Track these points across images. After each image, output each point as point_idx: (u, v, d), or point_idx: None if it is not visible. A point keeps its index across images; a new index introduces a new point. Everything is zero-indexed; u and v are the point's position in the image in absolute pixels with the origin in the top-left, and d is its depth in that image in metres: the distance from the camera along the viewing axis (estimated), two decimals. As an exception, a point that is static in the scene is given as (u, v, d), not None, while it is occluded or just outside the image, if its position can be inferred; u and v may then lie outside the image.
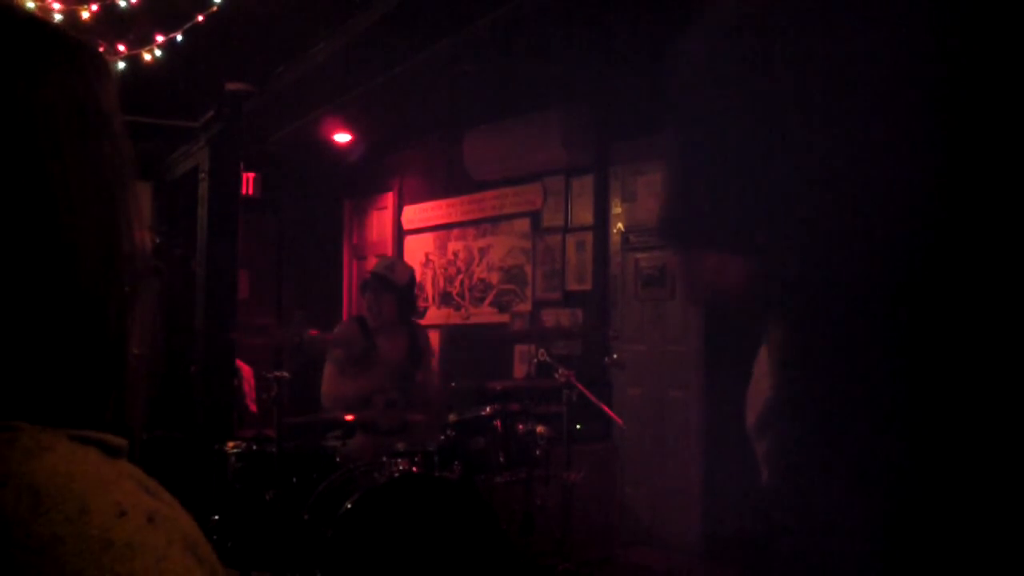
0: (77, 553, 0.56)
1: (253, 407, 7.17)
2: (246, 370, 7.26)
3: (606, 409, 4.65)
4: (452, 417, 4.09)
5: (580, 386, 4.36)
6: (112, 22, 4.56)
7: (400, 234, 8.55)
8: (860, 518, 1.10)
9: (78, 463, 0.62)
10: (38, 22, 0.72)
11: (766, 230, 1.11)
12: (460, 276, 7.76)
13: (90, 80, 0.74)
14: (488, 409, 4.07)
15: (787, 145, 1.13)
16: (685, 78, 1.27)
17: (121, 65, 4.77)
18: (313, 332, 4.69)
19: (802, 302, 1.16)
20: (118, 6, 4.37)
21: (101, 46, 4.71)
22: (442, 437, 4.05)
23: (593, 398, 4.46)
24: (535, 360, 4.92)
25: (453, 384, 5.33)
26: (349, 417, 4.35)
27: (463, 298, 7.72)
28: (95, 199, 0.70)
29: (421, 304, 7.63)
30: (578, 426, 4.54)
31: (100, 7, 4.36)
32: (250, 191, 8.27)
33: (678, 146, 1.36)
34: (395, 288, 4.76)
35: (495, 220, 7.43)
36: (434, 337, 7.60)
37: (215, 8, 4.57)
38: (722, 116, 1.18)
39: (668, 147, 1.39)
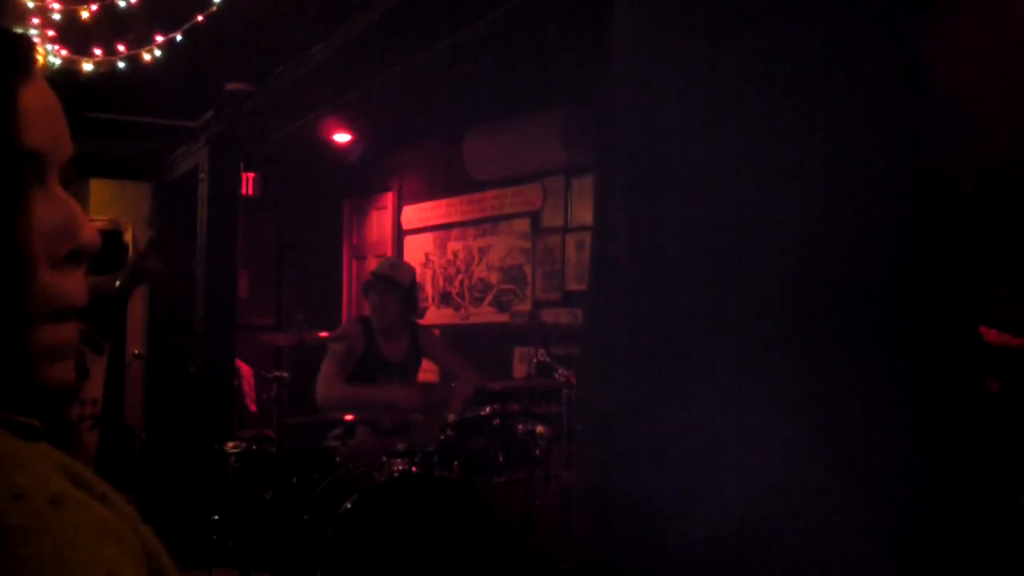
0: None
1: (253, 407, 7.17)
2: (246, 370, 7.26)
3: (606, 409, 4.65)
4: (451, 417, 4.09)
5: (580, 386, 4.36)
6: (111, 22, 4.56)
7: (400, 234, 8.54)
8: (859, 518, 1.09)
9: None
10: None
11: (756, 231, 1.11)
12: (460, 276, 7.76)
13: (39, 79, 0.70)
14: (488, 409, 4.07)
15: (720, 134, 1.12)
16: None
17: (121, 65, 4.77)
18: (322, 334, 4.68)
19: (800, 302, 1.15)
20: (117, 6, 4.37)
21: (100, 46, 4.72)
22: (442, 437, 4.05)
23: (593, 398, 4.45)
24: (535, 360, 4.92)
25: (452, 384, 5.32)
26: (349, 417, 4.35)
27: (463, 298, 7.72)
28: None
29: (422, 305, 7.63)
30: (578, 426, 4.53)
31: (99, 7, 4.36)
32: (250, 191, 8.27)
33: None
34: (399, 288, 4.78)
35: (495, 220, 7.43)
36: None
37: (214, 8, 4.57)
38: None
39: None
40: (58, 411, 0.69)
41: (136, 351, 7.78)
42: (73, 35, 4.60)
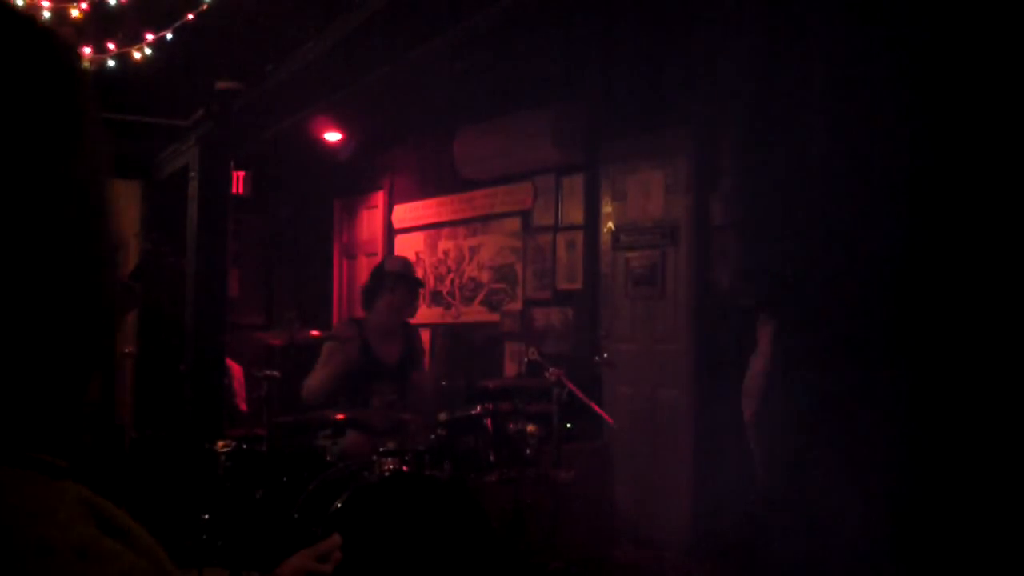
0: None
1: (243, 406, 7.16)
2: (236, 369, 7.25)
3: (596, 408, 4.66)
4: (442, 416, 4.09)
5: (571, 385, 4.36)
6: (102, 20, 4.55)
7: (390, 233, 8.54)
8: (858, 517, 1.10)
9: (3, 492, 0.57)
10: (23, 20, 0.69)
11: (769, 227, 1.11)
12: (450, 275, 7.76)
13: (68, 75, 0.70)
14: (478, 408, 4.07)
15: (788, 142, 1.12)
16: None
17: (111, 63, 4.76)
18: (314, 333, 4.67)
19: (801, 300, 1.16)
20: (108, 4, 4.36)
21: (90, 44, 4.70)
22: (432, 436, 4.05)
23: (583, 397, 4.46)
24: (526, 359, 4.93)
25: (444, 383, 5.33)
26: (340, 416, 4.34)
27: (453, 297, 7.72)
28: (76, 198, 0.66)
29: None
30: (568, 425, 4.54)
31: (90, 5, 4.35)
32: (240, 190, 8.25)
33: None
34: (419, 285, 4.87)
35: (485, 219, 7.44)
36: (424, 336, 7.60)
37: (205, 6, 4.56)
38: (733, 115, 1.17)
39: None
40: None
41: (126, 349, 7.76)
42: (63, 33, 4.59)
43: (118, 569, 0.58)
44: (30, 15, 0.70)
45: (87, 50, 4.72)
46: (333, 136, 7.93)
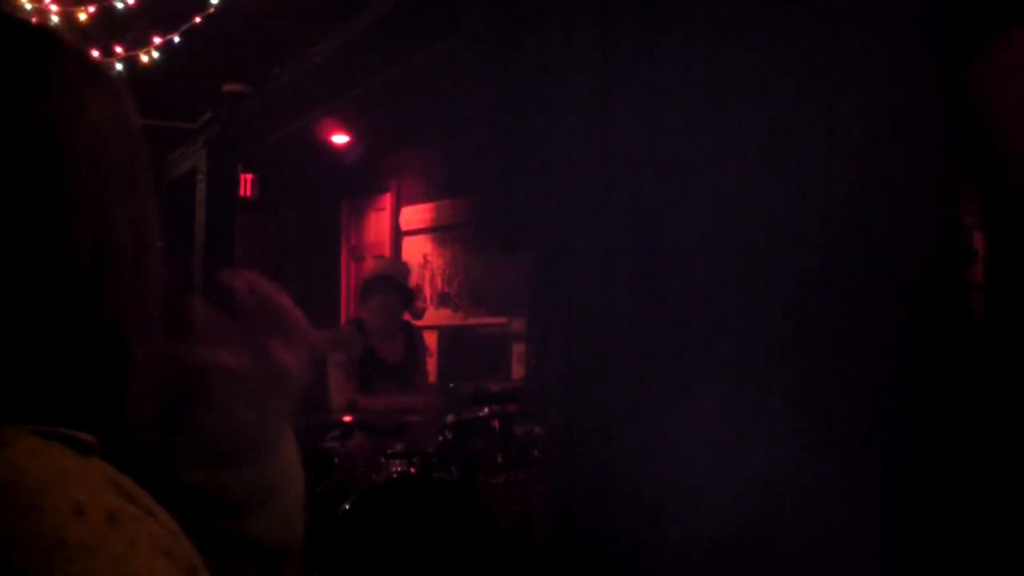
0: (27, 552, 0.54)
1: (251, 408, 7.16)
2: (244, 371, 7.26)
3: (604, 410, 4.64)
4: (450, 418, 4.09)
5: (578, 387, 4.35)
6: (109, 24, 4.57)
7: (398, 235, 8.54)
8: (860, 518, 1.10)
9: (38, 459, 0.60)
10: (50, 35, 0.74)
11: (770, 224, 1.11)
12: (458, 277, 7.76)
13: (108, 89, 0.75)
14: (486, 410, 4.07)
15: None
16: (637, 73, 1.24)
17: (118, 67, 4.77)
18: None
19: (799, 296, 1.15)
20: (115, 8, 4.37)
21: (98, 48, 4.72)
22: (440, 438, 4.05)
23: (591, 399, 4.44)
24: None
25: (452, 385, 5.31)
26: (347, 418, 4.34)
27: (461, 299, 7.71)
28: (114, 198, 0.71)
29: (419, 305, 7.63)
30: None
31: (97, 9, 4.36)
32: (247, 192, 8.26)
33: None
34: (403, 288, 4.80)
35: (493, 221, 7.43)
36: (432, 338, 7.60)
37: (212, 9, 4.57)
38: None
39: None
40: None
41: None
42: (70, 38, 4.60)
43: (144, 533, 0.61)
44: (45, 27, 0.74)
45: (94, 54, 4.73)
46: (340, 138, 7.93)
